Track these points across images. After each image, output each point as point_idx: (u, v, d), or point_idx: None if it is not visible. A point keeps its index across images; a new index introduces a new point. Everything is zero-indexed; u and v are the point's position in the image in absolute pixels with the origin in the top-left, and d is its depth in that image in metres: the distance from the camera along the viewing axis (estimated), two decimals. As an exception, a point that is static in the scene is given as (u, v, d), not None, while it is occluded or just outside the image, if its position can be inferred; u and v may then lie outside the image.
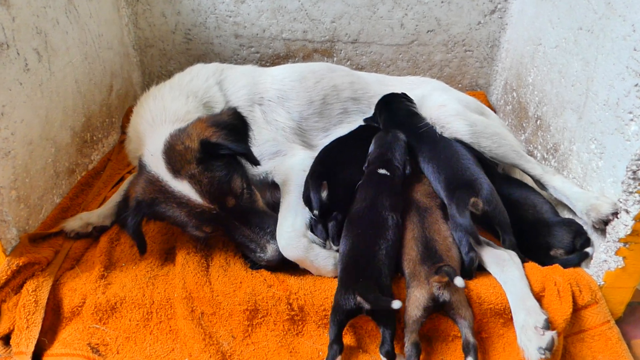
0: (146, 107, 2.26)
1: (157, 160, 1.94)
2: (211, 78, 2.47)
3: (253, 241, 2.01)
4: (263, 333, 1.91)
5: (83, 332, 1.86)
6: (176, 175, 1.90)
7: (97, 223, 2.27)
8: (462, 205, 2.02)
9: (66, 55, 2.45)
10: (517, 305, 1.84)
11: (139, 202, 1.94)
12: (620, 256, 1.89)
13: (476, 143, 2.38)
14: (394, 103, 2.61)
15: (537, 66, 2.78)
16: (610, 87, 1.98)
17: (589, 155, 2.13)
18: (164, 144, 1.96)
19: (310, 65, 2.78)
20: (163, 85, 2.44)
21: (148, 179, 1.95)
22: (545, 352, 1.66)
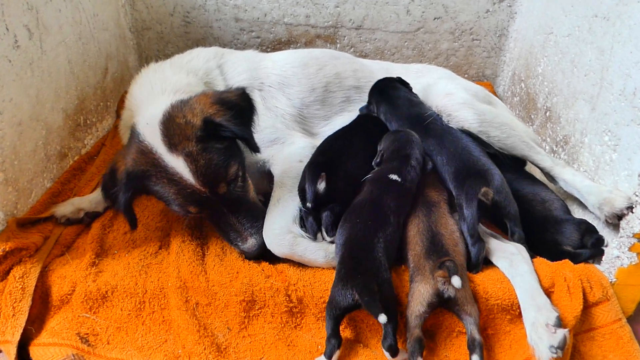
0: (145, 77, 2.20)
1: (153, 130, 1.83)
2: (212, 60, 2.40)
3: (236, 231, 1.94)
4: (260, 325, 1.84)
5: (72, 321, 1.78)
6: (172, 150, 1.79)
7: (90, 209, 2.19)
8: (471, 194, 1.96)
9: (59, 34, 2.36)
10: (527, 301, 1.77)
11: (130, 174, 1.82)
12: (634, 252, 1.81)
13: (484, 133, 2.30)
14: (390, 90, 2.51)
15: (547, 56, 2.70)
16: (627, 76, 1.91)
17: (601, 147, 2.06)
18: (162, 113, 1.86)
19: (313, 52, 2.70)
20: (163, 62, 2.38)
21: (140, 150, 1.83)
22: (557, 350, 1.59)
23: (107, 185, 1.90)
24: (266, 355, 1.76)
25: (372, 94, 2.57)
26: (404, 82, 2.59)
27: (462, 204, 1.98)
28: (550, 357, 1.60)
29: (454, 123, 2.33)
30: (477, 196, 1.95)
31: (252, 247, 1.94)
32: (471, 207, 1.95)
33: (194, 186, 1.80)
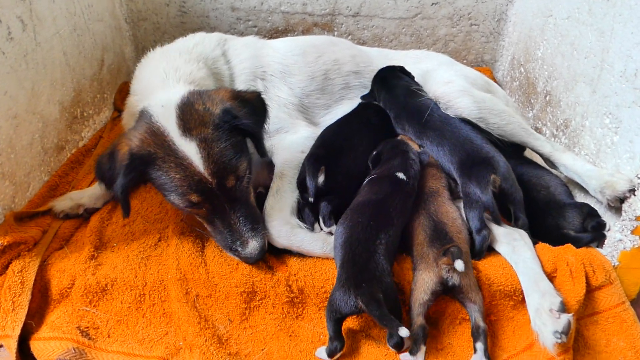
0: (157, 64, 2.14)
1: (168, 113, 1.77)
2: (217, 49, 2.36)
3: (236, 232, 1.84)
4: (261, 316, 1.84)
5: (72, 315, 1.77)
6: (185, 134, 1.74)
7: (89, 205, 2.18)
8: (484, 183, 1.94)
9: (53, 26, 2.33)
10: (530, 287, 1.76)
11: (134, 155, 1.73)
12: (636, 235, 1.80)
13: (483, 120, 2.27)
14: (391, 80, 2.50)
15: (547, 39, 2.67)
16: (628, 57, 1.88)
17: (602, 130, 2.03)
18: (180, 98, 1.82)
19: (312, 39, 2.67)
20: (169, 47, 2.30)
21: (151, 130, 1.76)
22: (561, 335, 1.58)
23: (103, 166, 1.82)
24: (268, 346, 1.76)
25: (374, 82, 2.57)
26: (406, 72, 2.58)
27: (473, 192, 1.97)
28: (555, 343, 1.59)
29: (453, 111, 2.31)
30: (490, 183, 1.94)
31: (254, 251, 1.83)
32: (486, 193, 1.93)
33: (202, 174, 1.74)
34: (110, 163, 1.79)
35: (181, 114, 1.76)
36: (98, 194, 2.21)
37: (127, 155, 1.73)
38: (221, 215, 1.84)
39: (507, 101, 2.62)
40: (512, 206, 1.99)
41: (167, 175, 1.74)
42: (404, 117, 2.37)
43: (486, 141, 2.16)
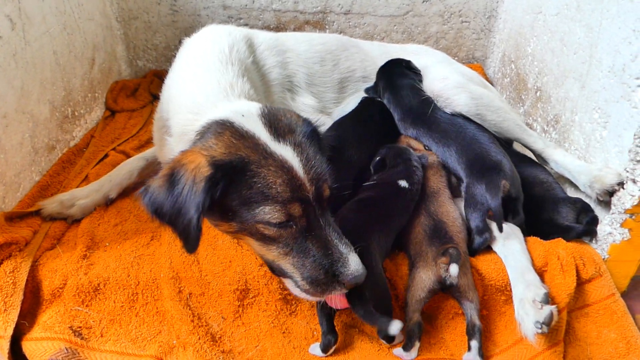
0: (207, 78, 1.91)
1: (252, 120, 1.60)
2: (250, 56, 2.20)
3: (335, 250, 1.54)
4: (254, 313, 1.84)
5: (64, 315, 1.77)
6: (278, 139, 1.56)
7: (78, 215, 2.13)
8: (495, 189, 1.94)
9: (42, 24, 2.32)
10: (517, 278, 1.78)
11: (218, 164, 1.46)
12: (626, 228, 1.82)
13: (480, 116, 2.30)
14: (397, 78, 2.49)
15: (537, 35, 2.68)
16: (616, 52, 1.90)
17: (592, 125, 2.05)
18: (258, 109, 1.66)
19: (327, 45, 2.63)
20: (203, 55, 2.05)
21: (238, 134, 1.55)
22: (542, 326, 1.58)
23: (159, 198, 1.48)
24: (261, 343, 1.76)
25: (379, 77, 2.57)
26: (412, 67, 2.57)
27: (480, 195, 1.97)
28: (535, 333, 1.60)
29: (450, 107, 2.32)
30: (501, 189, 1.94)
31: (359, 266, 1.53)
32: (497, 199, 1.92)
33: (302, 180, 1.52)
34: (171, 189, 1.47)
35: (267, 122, 1.60)
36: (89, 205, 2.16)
37: (206, 167, 1.45)
38: (317, 233, 1.55)
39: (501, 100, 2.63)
40: (513, 203, 1.99)
41: (264, 182, 1.49)
42: (409, 119, 2.36)
43: (492, 140, 2.17)
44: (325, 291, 1.56)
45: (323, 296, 1.58)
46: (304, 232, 1.54)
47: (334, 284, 1.53)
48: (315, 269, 1.54)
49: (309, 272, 1.55)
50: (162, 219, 1.50)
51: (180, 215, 1.45)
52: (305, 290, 1.58)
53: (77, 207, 2.12)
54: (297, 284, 1.60)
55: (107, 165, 2.43)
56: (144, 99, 3.15)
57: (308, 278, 1.55)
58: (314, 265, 1.54)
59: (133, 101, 3.11)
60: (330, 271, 1.52)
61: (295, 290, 1.64)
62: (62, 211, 2.09)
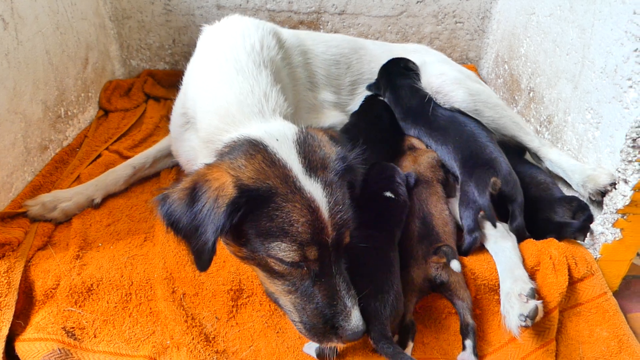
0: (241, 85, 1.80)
1: (286, 147, 1.50)
2: (279, 53, 2.13)
3: (340, 301, 1.47)
4: (248, 314, 1.83)
5: (57, 316, 1.75)
6: (310, 173, 1.46)
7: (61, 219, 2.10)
8: (482, 185, 1.95)
9: (35, 24, 2.31)
10: (505, 273, 1.79)
11: (244, 189, 1.38)
12: (617, 228, 1.83)
13: (478, 112, 2.31)
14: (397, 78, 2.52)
15: (530, 36, 2.69)
16: (608, 53, 1.91)
17: (584, 125, 2.06)
18: (294, 134, 1.57)
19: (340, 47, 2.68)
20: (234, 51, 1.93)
21: (269, 160, 1.45)
22: (526, 319, 1.59)
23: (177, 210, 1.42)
24: (255, 343, 1.76)
25: (381, 76, 2.61)
26: (411, 67, 2.59)
27: (471, 192, 1.98)
28: (519, 325, 1.61)
29: (449, 102, 2.34)
30: (489, 187, 1.95)
31: (359, 323, 1.47)
32: (484, 197, 1.93)
33: (325, 224, 1.43)
34: (191, 205, 1.40)
35: (302, 152, 1.50)
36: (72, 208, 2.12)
37: (231, 189, 1.37)
38: (326, 280, 1.48)
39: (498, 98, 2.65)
40: (512, 206, 1.99)
41: (287, 217, 1.40)
42: (409, 119, 2.40)
43: (490, 139, 2.17)
44: (320, 340, 1.51)
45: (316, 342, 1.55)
46: (314, 276, 1.47)
47: (331, 336, 1.48)
48: (316, 316, 1.48)
49: (308, 318, 1.49)
50: (177, 233, 1.45)
51: (196, 234, 1.39)
52: (299, 330, 1.55)
53: (59, 210, 2.08)
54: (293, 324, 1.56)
55: (100, 165, 2.42)
56: (138, 98, 3.14)
57: (306, 324, 1.50)
58: (315, 313, 1.48)
59: (127, 101, 3.10)
60: (330, 322, 1.46)
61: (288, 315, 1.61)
62: (44, 214, 2.06)
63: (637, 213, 1.79)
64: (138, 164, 2.33)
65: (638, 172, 1.71)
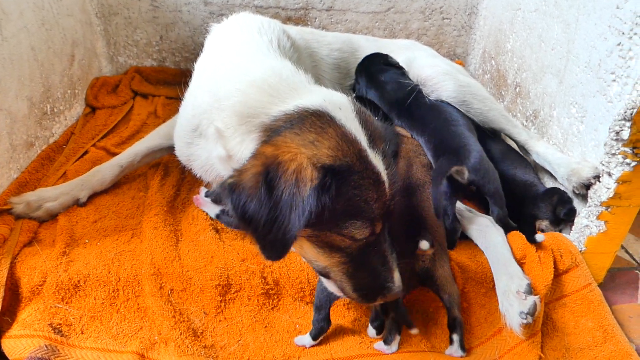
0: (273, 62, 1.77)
1: (350, 117, 1.42)
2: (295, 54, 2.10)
3: (386, 265, 1.48)
4: (236, 308, 1.84)
5: (44, 312, 1.74)
6: (372, 146, 1.40)
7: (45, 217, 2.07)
8: (438, 172, 1.95)
9: (20, 20, 2.28)
10: (499, 270, 1.80)
11: (326, 170, 1.29)
12: (602, 220, 1.85)
13: (467, 105, 2.33)
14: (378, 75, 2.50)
15: (516, 32, 2.71)
16: (592, 48, 1.93)
17: (569, 119, 2.08)
18: (350, 102, 1.49)
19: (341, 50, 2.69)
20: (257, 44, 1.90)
21: (342, 134, 1.36)
22: (527, 316, 1.62)
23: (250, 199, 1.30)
24: (243, 337, 1.76)
25: (359, 75, 2.58)
26: (390, 62, 2.58)
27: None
28: (521, 323, 1.63)
29: (437, 93, 2.36)
30: (446, 174, 1.95)
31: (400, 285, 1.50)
32: (436, 185, 1.92)
33: (387, 197, 1.42)
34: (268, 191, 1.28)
35: (363, 123, 1.43)
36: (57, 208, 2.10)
37: (311, 169, 1.27)
38: (378, 247, 1.48)
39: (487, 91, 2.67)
40: (488, 198, 1.99)
41: (363, 196, 1.36)
42: (394, 112, 2.40)
43: (467, 127, 2.17)
44: (369, 301, 1.53)
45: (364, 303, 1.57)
46: (369, 246, 1.46)
47: (377, 297, 1.51)
48: (368, 283, 1.48)
49: (360, 285, 1.49)
50: (248, 224, 1.32)
51: (275, 223, 1.28)
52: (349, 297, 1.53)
53: (43, 209, 2.06)
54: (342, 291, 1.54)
55: (87, 162, 2.40)
56: (125, 95, 3.12)
57: (359, 290, 1.49)
58: (368, 280, 1.48)
59: (114, 98, 3.08)
60: (379, 284, 1.48)
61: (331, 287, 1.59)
62: (28, 213, 2.03)
63: (621, 205, 1.81)
64: (125, 162, 2.29)
65: (621, 164, 1.73)
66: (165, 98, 3.20)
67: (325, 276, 1.57)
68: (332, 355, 1.70)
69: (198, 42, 3.36)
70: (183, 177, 2.39)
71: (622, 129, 1.70)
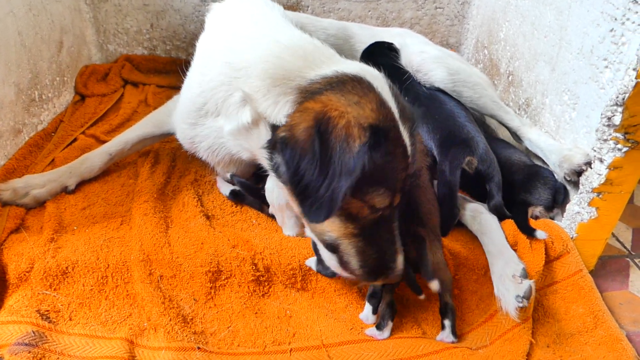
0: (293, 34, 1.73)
1: (385, 87, 1.44)
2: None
3: (391, 244, 1.50)
4: (227, 295, 1.82)
5: (31, 299, 1.72)
6: (402, 118, 1.41)
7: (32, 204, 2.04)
8: (455, 163, 1.95)
9: (6, 5, 2.24)
10: (495, 255, 1.80)
11: (376, 129, 1.30)
12: (593, 207, 1.85)
13: (457, 92, 2.31)
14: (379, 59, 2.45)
15: (509, 20, 2.70)
16: (585, 34, 1.92)
17: (561, 107, 2.08)
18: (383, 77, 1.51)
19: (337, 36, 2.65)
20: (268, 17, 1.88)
21: (380, 101, 1.37)
22: (523, 300, 1.62)
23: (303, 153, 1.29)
24: (234, 323, 1.75)
25: (362, 59, 2.54)
26: (394, 49, 2.57)
27: (445, 172, 1.97)
28: (517, 307, 1.63)
29: (428, 81, 2.34)
30: (462, 165, 1.95)
31: (402, 267, 1.52)
32: (454, 175, 1.94)
33: (409, 168, 1.43)
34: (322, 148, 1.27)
35: (395, 98, 1.44)
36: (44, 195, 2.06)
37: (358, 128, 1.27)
38: (388, 224, 1.49)
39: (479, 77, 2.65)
40: (489, 185, 2.00)
41: (392, 163, 1.37)
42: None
43: (469, 119, 2.17)
44: (372, 279, 1.54)
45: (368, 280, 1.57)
46: (382, 221, 1.46)
47: (380, 277, 1.52)
48: (374, 260, 1.48)
49: (366, 261, 1.48)
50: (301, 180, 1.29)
51: (326, 180, 1.26)
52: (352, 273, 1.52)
53: (30, 196, 2.03)
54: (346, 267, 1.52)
55: (76, 149, 2.37)
56: (115, 83, 3.09)
57: (364, 267, 1.49)
58: (375, 257, 1.48)
59: (104, 86, 3.04)
60: (383, 263, 1.48)
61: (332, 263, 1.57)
62: (15, 200, 2.00)
63: (612, 192, 1.81)
64: (115, 150, 2.24)
65: (613, 150, 1.73)
66: (156, 87, 3.17)
67: (333, 250, 1.53)
68: (322, 341, 1.69)
69: (189, 30, 3.32)
70: (174, 165, 2.37)
71: (614, 114, 1.70)
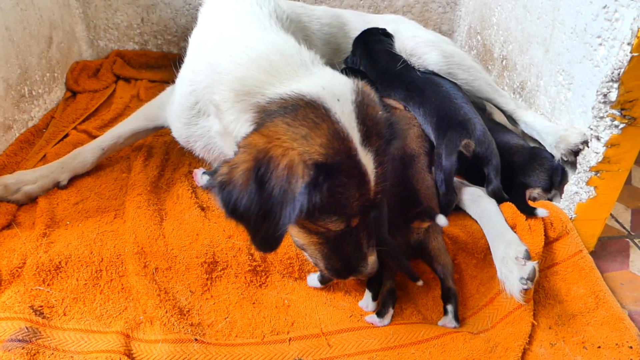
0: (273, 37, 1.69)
1: (347, 111, 1.35)
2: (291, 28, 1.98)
3: (359, 251, 1.52)
4: (223, 286, 1.80)
5: (25, 295, 1.69)
6: (365, 142, 1.35)
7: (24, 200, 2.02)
8: (451, 147, 1.93)
9: (-7, -1, 2.22)
10: (496, 238, 1.78)
11: (319, 168, 1.26)
12: (591, 186, 1.84)
13: (452, 75, 2.30)
14: (373, 44, 2.48)
15: (501, 4, 2.68)
16: (578, 13, 1.90)
17: (556, 88, 2.06)
18: (352, 91, 1.41)
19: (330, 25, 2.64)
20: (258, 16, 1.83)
21: (335, 132, 1.31)
22: (527, 282, 1.59)
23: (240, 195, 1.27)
24: (231, 314, 1.72)
25: (356, 46, 2.55)
26: (388, 34, 2.55)
27: (442, 155, 1.95)
28: (521, 289, 1.60)
29: (422, 65, 2.33)
30: (458, 148, 1.93)
31: (374, 267, 1.55)
32: (450, 159, 1.92)
33: (370, 194, 1.39)
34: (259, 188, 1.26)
35: (360, 116, 1.37)
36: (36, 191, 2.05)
37: (303, 167, 1.24)
38: (355, 237, 1.51)
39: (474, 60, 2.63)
40: (487, 170, 1.97)
41: (345, 194, 1.35)
42: (385, 82, 2.34)
43: (466, 101, 2.14)
44: (340, 278, 1.64)
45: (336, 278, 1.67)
46: (345, 234, 1.48)
47: (349, 276, 1.59)
48: (340, 263, 1.55)
49: (332, 264, 1.56)
50: (239, 220, 1.33)
51: (267, 219, 1.27)
52: (322, 270, 1.63)
53: (22, 192, 2.00)
54: (316, 265, 1.64)
55: (68, 145, 2.35)
56: (107, 79, 3.06)
57: (330, 269, 1.57)
58: (340, 261, 1.54)
59: (95, 82, 3.01)
60: (350, 266, 1.55)
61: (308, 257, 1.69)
62: (6, 196, 1.98)
63: (610, 170, 1.79)
64: (108, 145, 2.22)
65: (610, 127, 1.71)
66: (149, 81, 3.15)
67: (304, 250, 1.65)
68: (321, 329, 1.67)
69: (180, 24, 3.29)
70: (167, 158, 2.34)
71: (610, 90, 1.68)
